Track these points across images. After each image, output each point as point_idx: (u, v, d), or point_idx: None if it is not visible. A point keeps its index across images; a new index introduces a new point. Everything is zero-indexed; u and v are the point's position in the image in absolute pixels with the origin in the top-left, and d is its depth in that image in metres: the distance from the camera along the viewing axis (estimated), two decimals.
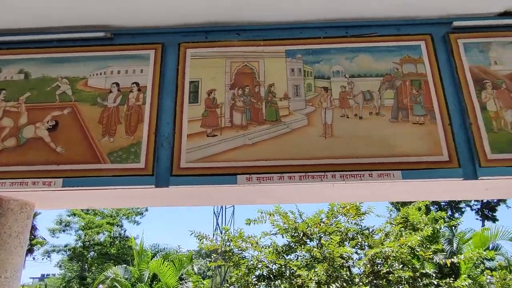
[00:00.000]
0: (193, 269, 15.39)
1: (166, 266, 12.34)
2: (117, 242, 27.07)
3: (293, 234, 9.93)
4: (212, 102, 2.87)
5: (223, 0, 2.88)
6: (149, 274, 12.91)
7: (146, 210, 29.54)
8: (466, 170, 2.64)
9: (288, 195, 2.93)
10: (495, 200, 25.06)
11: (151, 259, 13.58)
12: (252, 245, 9.49)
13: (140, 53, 3.05)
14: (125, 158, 2.72)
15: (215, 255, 12.17)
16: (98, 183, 2.69)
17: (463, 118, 2.77)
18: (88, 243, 26.52)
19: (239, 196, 2.93)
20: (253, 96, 2.88)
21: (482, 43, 2.98)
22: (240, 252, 9.89)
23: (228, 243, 10.32)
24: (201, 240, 9.99)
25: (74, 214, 26.75)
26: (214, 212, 24.64)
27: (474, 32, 3.02)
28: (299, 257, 10.19)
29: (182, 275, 13.50)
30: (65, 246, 27.35)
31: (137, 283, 12.78)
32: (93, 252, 26.94)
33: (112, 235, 27.41)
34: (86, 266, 26.78)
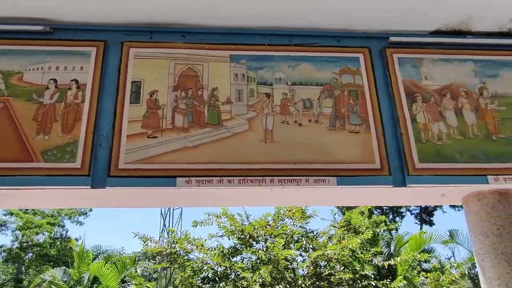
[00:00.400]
0: (136, 272, 15.03)
1: (108, 269, 11.97)
2: (58, 243, 25.92)
3: (239, 236, 9.99)
4: (154, 103, 2.85)
5: (168, 1, 2.87)
6: (90, 276, 12.46)
7: (90, 210, 28.49)
8: (396, 177, 2.80)
9: (228, 199, 2.96)
10: (432, 206, 26.50)
11: (92, 261, 13.12)
12: (197, 247, 9.44)
13: (80, 49, 2.97)
14: (60, 157, 2.63)
15: (159, 257, 11.98)
16: (30, 182, 2.58)
17: (395, 128, 2.93)
18: (26, 244, 25.16)
19: (178, 198, 2.92)
20: (196, 99, 2.89)
21: (415, 58, 3.17)
22: (185, 254, 9.80)
23: (173, 245, 10.19)
24: (145, 242, 9.80)
25: (11, 214, 25.30)
26: (161, 214, 24.22)
27: (408, 48, 3.20)
28: (245, 259, 10.27)
29: (125, 277, 13.15)
30: (0, 247, 25.80)
31: (76, 286, 12.30)
32: (31, 254, 25.59)
33: (52, 236, 26.20)
34: (23, 269, 25.39)
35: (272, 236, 9.87)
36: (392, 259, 9.78)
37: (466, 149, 2.90)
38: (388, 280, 10.61)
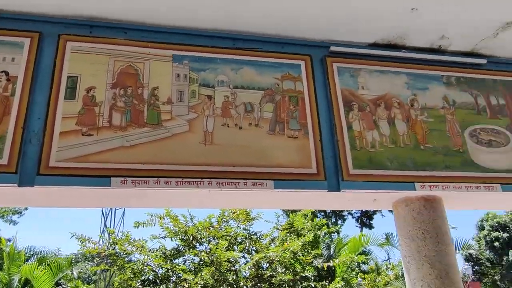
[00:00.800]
0: (72, 274, 14.39)
1: (41, 271, 11.36)
2: None
3: (182, 237, 9.87)
4: (91, 99, 2.76)
5: None
6: (21, 279, 11.76)
7: (26, 208, 26.92)
8: (331, 182, 2.90)
9: (164, 200, 2.93)
10: (372, 209, 27.62)
11: (25, 262, 12.38)
12: (138, 249, 9.21)
13: (13, 40, 2.81)
14: None
15: (98, 259, 11.55)
16: None
17: (332, 135, 3.03)
18: None
19: (113, 199, 2.84)
20: (135, 98, 2.83)
21: (353, 69, 3.31)
22: (126, 255, 9.54)
23: (113, 246, 9.88)
24: (83, 243, 9.43)
25: None
26: (102, 213, 23.38)
27: (347, 58, 3.33)
28: (187, 261, 10.16)
29: (60, 280, 12.54)
30: None
31: None
32: None
33: None
34: None
35: (215, 238, 9.85)
36: (331, 261, 10.08)
37: (396, 157, 3.06)
38: (327, 281, 10.92)
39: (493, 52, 3.61)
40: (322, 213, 30.52)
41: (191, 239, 9.82)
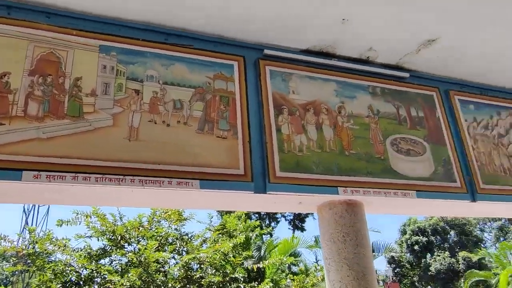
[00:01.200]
0: None
1: None
2: None
3: (110, 237, 9.50)
4: (5, 86, 2.54)
5: None
6: None
7: None
8: (258, 184, 2.91)
9: (83, 197, 2.77)
10: (305, 213, 28.36)
11: None
12: (60, 248, 8.71)
13: None
14: None
15: (15, 259, 10.77)
16: None
17: (261, 137, 3.05)
18: None
19: (24, 194, 2.64)
20: (55, 87, 2.66)
21: (285, 73, 3.36)
22: (46, 255, 8.97)
23: (33, 245, 9.26)
24: None
25: None
26: (24, 210, 21.86)
27: (280, 62, 3.38)
28: (114, 262, 9.78)
29: None
30: None
31: None
32: None
33: None
34: None
35: (145, 238, 9.57)
36: (261, 263, 10.18)
37: (322, 161, 3.14)
38: (257, 282, 11.02)
39: (415, 67, 3.84)
40: (256, 215, 30.83)
41: (119, 239, 9.47)
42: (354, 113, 3.46)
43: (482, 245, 32.04)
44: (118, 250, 9.47)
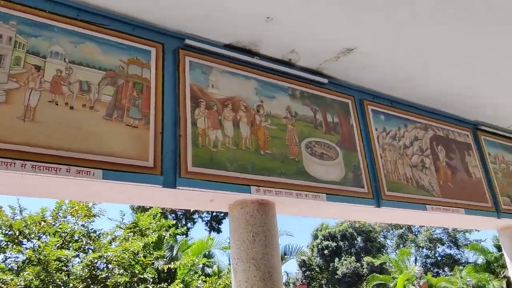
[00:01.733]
0: None
1: None
2: None
3: (6, 232, 8.67)
4: None
5: None
6: None
7: None
8: (167, 178, 2.76)
9: None
10: (222, 214, 28.34)
11: None
12: None
13: None
14: None
15: None
16: None
17: (175, 129, 2.91)
18: None
19: None
20: None
21: (206, 66, 3.25)
22: None
23: None
24: None
25: None
26: None
27: (202, 54, 3.27)
28: (9, 259, 8.96)
29: None
30: None
31: None
32: None
33: None
34: None
35: (47, 234, 8.88)
36: (172, 263, 9.92)
37: (237, 159, 3.08)
38: (166, 283, 10.73)
39: (334, 74, 3.95)
40: (173, 215, 30.20)
41: (17, 234, 8.68)
42: (272, 113, 3.45)
43: (384, 251, 34.43)
44: (14, 246, 8.69)
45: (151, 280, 10.34)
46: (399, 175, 4.07)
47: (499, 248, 19.40)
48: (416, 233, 37.11)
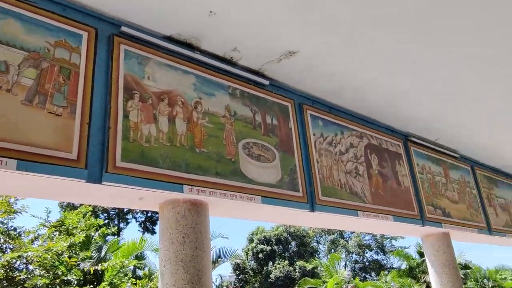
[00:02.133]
0: None
1: None
2: None
3: None
4: None
5: None
6: None
7: None
8: (92, 173, 2.56)
9: None
10: (157, 215, 27.60)
11: None
12: None
13: None
14: None
15: None
16: None
17: (104, 120, 2.71)
18: None
19: None
20: None
21: (143, 56, 3.08)
22: None
23: None
24: None
25: None
26: None
27: (139, 43, 3.09)
28: None
29: None
30: None
31: None
32: None
33: None
34: None
35: None
36: (99, 264, 9.43)
37: (170, 156, 2.94)
38: (92, 286, 10.20)
39: (275, 76, 3.93)
40: (105, 214, 28.98)
41: None
42: (210, 111, 3.35)
43: (316, 255, 35.38)
44: None
45: (75, 282, 9.79)
46: (333, 181, 4.13)
47: (421, 254, 20.62)
48: (347, 239, 38.57)
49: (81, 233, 10.58)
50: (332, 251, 35.91)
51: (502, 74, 4.15)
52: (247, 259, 33.07)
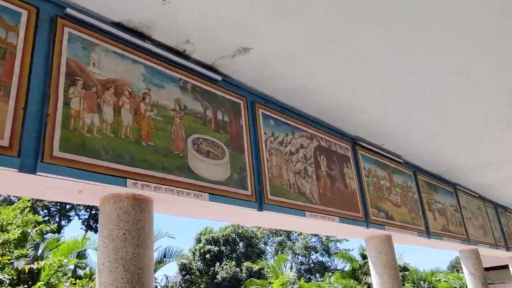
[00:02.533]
0: None
1: None
2: None
3: None
4: None
5: None
6: None
7: None
8: (26, 162, 2.37)
9: None
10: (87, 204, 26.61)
11: None
12: None
13: None
14: None
15: None
16: None
17: (42, 106, 2.52)
18: None
19: None
20: None
21: (89, 41, 2.91)
22: None
23: None
24: None
25: None
26: None
27: (85, 28, 2.91)
28: None
29: None
30: None
31: None
32: None
33: None
34: None
35: None
36: (35, 263, 8.90)
37: (114, 148, 2.79)
38: (27, 285, 9.64)
39: (229, 72, 3.86)
40: (46, 211, 27.55)
41: None
42: (159, 103, 3.22)
43: (263, 256, 35.60)
44: None
45: (7, 282, 9.19)
46: (282, 180, 4.12)
47: (363, 256, 21.29)
48: (294, 240, 39.15)
49: (16, 229, 9.96)
50: (279, 252, 36.29)
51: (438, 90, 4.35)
52: (194, 260, 32.68)
